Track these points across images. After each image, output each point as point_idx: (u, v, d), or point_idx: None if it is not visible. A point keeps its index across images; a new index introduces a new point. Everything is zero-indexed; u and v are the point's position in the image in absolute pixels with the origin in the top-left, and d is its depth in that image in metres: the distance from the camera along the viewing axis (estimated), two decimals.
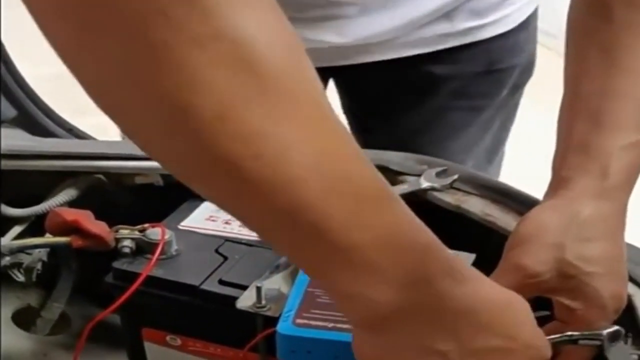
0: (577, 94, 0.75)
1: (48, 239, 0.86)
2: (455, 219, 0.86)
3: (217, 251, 0.83)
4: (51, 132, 1.33)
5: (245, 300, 0.76)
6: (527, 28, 1.16)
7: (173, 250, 0.83)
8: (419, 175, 0.90)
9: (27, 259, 0.89)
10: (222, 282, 0.79)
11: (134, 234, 0.83)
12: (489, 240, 0.75)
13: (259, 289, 0.75)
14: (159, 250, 0.81)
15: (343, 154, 0.53)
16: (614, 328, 0.68)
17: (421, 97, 1.15)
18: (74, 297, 0.92)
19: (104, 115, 0.51)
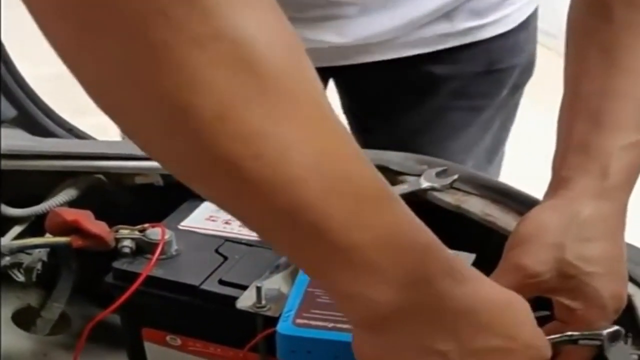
0: (577, 94, 0.75)
1: (48, 239, 0.86)
2: (455, 219, 0.86)
3: (217, 251, 0.83)
4: (51, 132, 1.33)
5: (245, 300, 0.76)
6: (527, 28, 1.16)
7: (173, 250, 0.83)
8: (419, 175, 0.90)
9: (27, 259, 0.89)
10: (222, 282, 0.79)
11: (134, 234, 0.83)
12: (489, 240, 0.75)
13: (259, 289, 0.75)
14: (159, 250, 0.81)
15: (343, 154, 0.53)
16: (614, 328, 0.68)
17: (421, 97, 1.15)
18: (74, 297, 0.92)
19: (104, 115, 0.51)
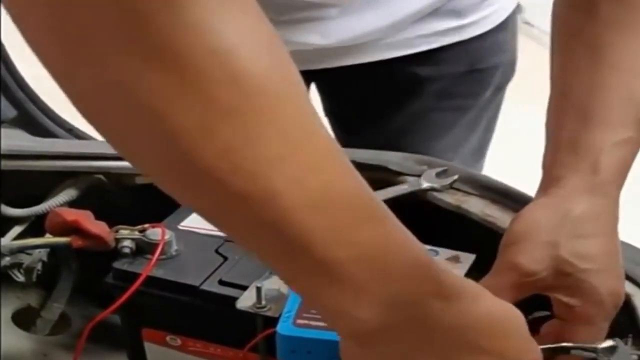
0: (564, 91, 0.75)
1: (48, 239, 0.86)
2: (455, 219, 0.86)
3: (217, 251, 0.83)
4: (51, 132, 1.33)
5: (245, 301, 0.76)
6: (506, 29, 1.17)
7: (173, 251, 0.83)
8: (418, 176, 0.90)
9: (27, 259, 0.89)
10: (222, 282, 0.79)
11: (134, 234, 0.83)
12: (489, 240, 0.75)
13: (259, 289, 0.75)
14: (159, 250, 0.81)
15: (327, 167, 0.52)
16: (610, 343, 0.67)
17: (405, 99, 1.16)
18: (74, 297, 0.92)
19: None
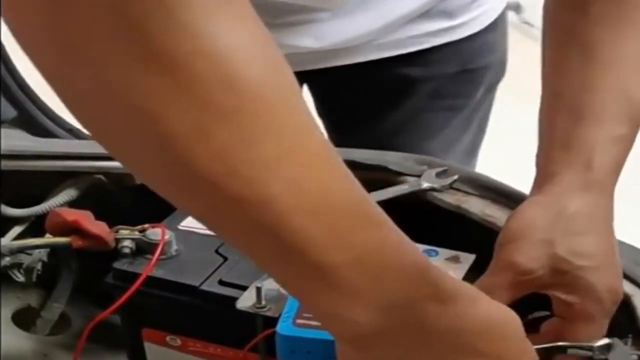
0: (556, 89, 0.75)
1: (48, 239, 0.86)
2: (455, 219, 0.86)
3: (217, 251, 0.83)
4: (51, 132, 1.33)
5: (245, 301, 0.76)
6: (496, 30, 1.18)
7: (173, 251, 0.83)
8: (418, 176, 0.90)
9: (27, 259, 0.89)
10: (222, 282, 0.79)
11: (134, 234, 0.83)
12: (489, 241, 0.75)
13: (259, 290, 0.75)
14: (159, 250, 0.81)
15: (323, 171, 0.52)
16: (607, 341, 0.67)
17: (397, 99, 1.17)
18: (74, 297, 0.92)
19: None
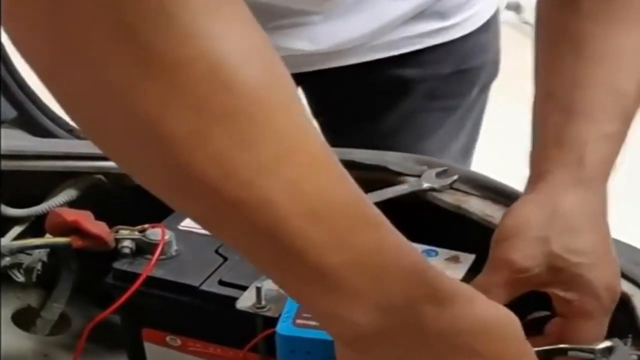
0: (548, 86, 0.75)
1: (48, 239, 0.86)
2: (455, 219, 0.86)
3: (217, 251, 0.83)
4: (51, 132, 1.33)
5: (245, 301, 0.76)
6: (489, 30, 1.19)
7: (173, 251, 0.83)
8: (418, 176, 0.90)
9: (27, 259, 0.89)
10: (222, 282, 0.79)
11: (134, 235, 0.83)
12: (488, 241, 0.75)
13: (258, 290, 0.75)
14: (159, 250, 0.81)
15: (321, 173, 0.52)
16: (608, 344, 0.67)
17: (393, 100, 1.17)
18: (74, 297, 0.92)
19: None
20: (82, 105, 0.50)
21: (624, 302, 0.73)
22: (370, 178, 0.83)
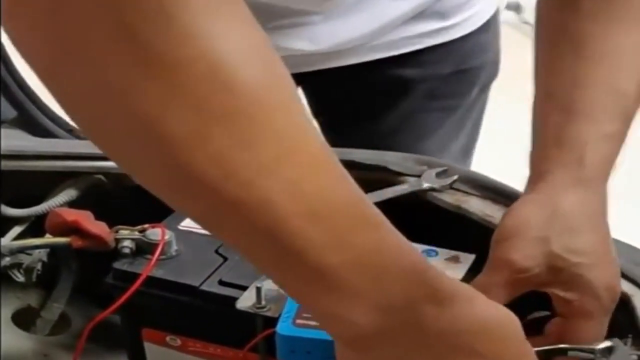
0: (548, 87, 0.76)
1: (48, 239, 0.86)
2: (455, 219, 0.86)
3: (217, 251, 0.83)
4: (51, 132, 1.33)
5: (245, 301, 0.76)
6: (488, 30, 1.19)
7: (173, 251, 0.83)
8: (418, 176, 0.90)
9: (27, 259, 0.89)
10: (222, 282, 0.79)
11: (134, 235, 0.83)
12: (489, 241, 0.75)
13: (258, 290, 0.75)
14: (159, 250, 0.81)
15: (321, 173, 0.52)
16: (608, 344, 0.67)
17: (392, 100, 1.17)
18: (74, 297, 0.92)
19: None
20: (82, 105, 0.50)
21: (624, 302, 0.73)
22: (370, 178, 0.83)
